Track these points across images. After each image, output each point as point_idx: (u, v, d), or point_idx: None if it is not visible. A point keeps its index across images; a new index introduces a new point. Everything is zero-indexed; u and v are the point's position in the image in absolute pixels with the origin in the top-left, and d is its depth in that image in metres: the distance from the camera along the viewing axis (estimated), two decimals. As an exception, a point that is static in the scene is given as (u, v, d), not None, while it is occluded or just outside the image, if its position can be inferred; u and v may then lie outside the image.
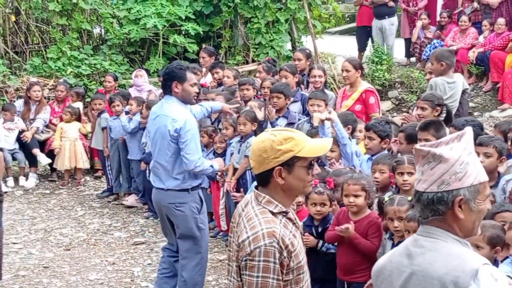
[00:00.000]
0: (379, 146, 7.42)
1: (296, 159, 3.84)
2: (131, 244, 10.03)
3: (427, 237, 3.03)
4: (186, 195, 7.21)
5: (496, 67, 14.35)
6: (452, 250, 2.97)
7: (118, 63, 15.50)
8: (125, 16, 15.67)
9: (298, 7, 16.28)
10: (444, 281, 2.88)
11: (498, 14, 15.10)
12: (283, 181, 3.85)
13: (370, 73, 15.24)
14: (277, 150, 3.81)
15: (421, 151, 3.04)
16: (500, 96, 14.15)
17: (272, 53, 15.68)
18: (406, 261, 3.06)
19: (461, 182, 2.96)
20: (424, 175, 3.02)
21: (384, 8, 16.25)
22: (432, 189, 2.98)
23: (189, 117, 7.11)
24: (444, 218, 3.00)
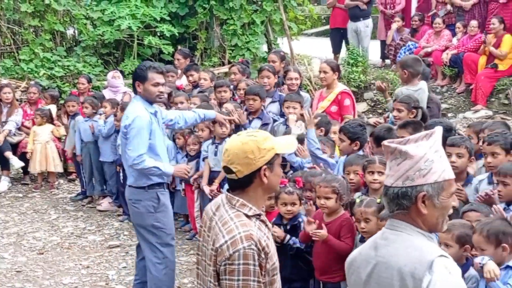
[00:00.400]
0: (349, 147, 7.49)
1: (276, 156, 3.91)
2: (106, 248, 9.96)
3: (393, 230, 3.15)
4: (142, 193, 7.21)
5: (469, 68, 14.46)
6: (414, 243, 3.06)
7: (92, 65, 15.39)
8: (99, 18, 15.58)
9: (273, 9, 16.29)
10: (403, 271, 2.98)
11: (471, 16, 15.25)
12: (267, 180, 3.90)
13: (345, 75, 15.26)
14: (263, 149, 3.86)
15: (388, 147, 3.14)
16: (473, 98, 14.30)
17: (248, 54, 15.68)
18: (373, 253, 3.19)
19: (425, 179, 3.05)
20: (391, 171, 3.13)
21: (359, 10, 16.31)
22: (397, 184, 3.08)
23: (141, 115, 7.07)
24: (409, 212, 3.10)
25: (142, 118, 7.07)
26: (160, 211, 7.23)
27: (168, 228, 7.35)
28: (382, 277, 3.09)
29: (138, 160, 7.04)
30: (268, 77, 10.19)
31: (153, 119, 7.19)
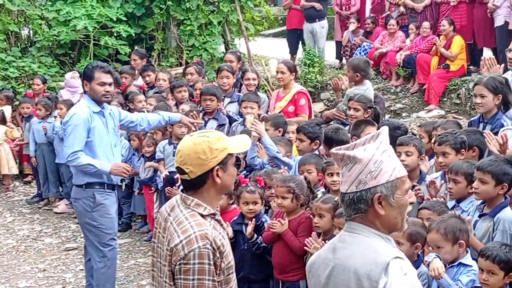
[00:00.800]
0: (309, 147, 7.57)
1: (229, 156, 3.94)
2: (63, 250, 9.93)
3: (350, 232, 3.15)
4: (80, 191, 7.28)
5: (422, 69, 14.61)
6: (371, 245, 3.07)
7: (47, 66, 15.26)
8: (54, 18, 15.46)
9: (230, 10, 16.35)
10: (359, 273, 2.98)
11: (423, 17, 15.39)
12: (220, 180, 3.92)
13: (302, 75, 15.36)
14: (215, 149, 3.89)
15: (337, 154, 3.16)
16: (426, 97, 14.45)
17: (206, 55, 15.69)
18: (331, 255, 3.18)
19: (377, 180, 3.06)
20: (344, 177, 3.13)
21: (314, 11, 16.42)
22: (352, 189, 3.09)
23: (79, 112, 7.14)
24: (367, 215, 3.10)
25: (80, 116, 7.10)
26: (96, 211, 7.24)
27: (107, 228, 7.33)
28: (340, 279, 3.09)
29: (73, 157, 7.09)
30: (227, 77, 10.25)
31: (95, 118, 7.20)
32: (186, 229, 3.80)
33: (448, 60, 14.21)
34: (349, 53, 16.42)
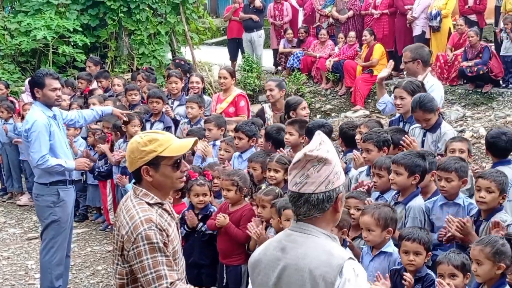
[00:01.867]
0: (247, 144, 7.56)
1: (160, 158, 3.89)
2: (25, 240, 9.82)
3: (301, 232, 3.01)
4: (43, 188, 7.20)
5: (349, 74, 14.81)
6: (323, 246, 2.96)
7: (10, 72, 15.05)
8: (16, 29, 15.27)
9: (177, 21, 16.33)
10: (314, 275, 2.87)
11: (346, 28, 15.58)
12: (151, 179, 3.92)
13: (242, 80, 15.45)
14: (142, 151, 3.88)
15: (310, 156, 2.96)
16: (353, 99, 14.64)
17: (154, 62, 15.66)
18: (280, 255, 3.02)
19: (340, 180, 3.01)
20: (311, 178, 2.96)
21: (252, 22, 16.52)
22: (321, 190, 2.94)
23: (39, 119, 7.04)
24: (324, 214, 3.00)
25: (41, 122, 7.03)
26: (59, 206, 7.18)
27: (64, 222, 7.25)
28: (293, 279, 2.94)
29: (42, 161, 7.01)
30: (176, 82, 10.27)
31: (52, 122, 7.15)
32: (132, 216, 3.82)
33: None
34: (284, 59, 16.58)
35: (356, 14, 15.51)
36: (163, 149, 3.87)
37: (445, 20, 14.11)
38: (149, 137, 3.91)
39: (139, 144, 3.87)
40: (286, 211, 5.42)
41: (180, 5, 16.23)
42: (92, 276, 8.40)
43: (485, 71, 12.88)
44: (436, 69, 13.82)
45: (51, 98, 7.17)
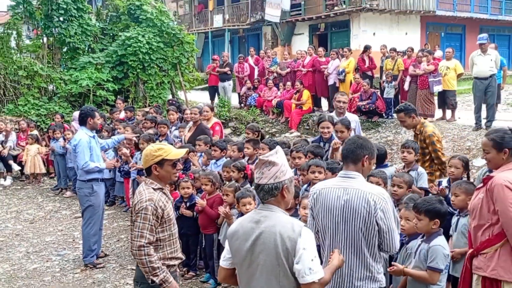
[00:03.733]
0: (220, 155, 7.59)
1: (164, 160, 4.01)
2: (73, 218, 9.78)
3: (267, 210, 2.99)
4: (83, 184, 7.20)
5: (287, 109, 14.88)
6: (286, 218, 2.95)
7: (64, 107, 14.98)
8: (68, 79, 15.23)
9: (175, 75, 16.39)
10: (283, 236, 2.84)
11: (285, 79, 15.69)
12: (158, 173, 4.03)
13: (218, 112, 15.49)
14: (153, 155, 4.01)
15: (263, 160, 3.01)
16: (290, 125, 14.71)
17: (160, 101, 15.66)
18: (255, 225, 2.96)
19: (285, 176, 3.00)
20: (264, 174, 2.98)
21: (225, 75, 16.63)
22: (270, 182, 2.96)
23: (83, 138, 7.09)
24: (277, 198, 2.99)
25: (84, 140, 7.10)
26: (93, 195, 7.19)
27: (96, 206, 7.26)
28: (268, 240, 2.88)
29: (85, 165, 7.07)
30: (173, 114, 10.35)
31: (91, 140, 7.21)
32: (141, 194, 3.94)
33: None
34: (245, 100, 16.70)
35: (292, 70, 15.68)
36: (167, 154, 4.02)
37: (348, 75, 14.28)
38: (158, 147, 4.07)
39: (152, 151, 4.01)
40: (243, 199, 5.50)
41: (177, 64, 16.30)
42: (117, 242, 8.41)
43: (373, 108, 13.13)
44: (342, 106, 14.04)
45: (96, 125, 7.30)
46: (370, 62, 14.69)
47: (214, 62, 17.26)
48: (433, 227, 4.07)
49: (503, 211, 3.60)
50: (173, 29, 16.20)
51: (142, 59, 15.54)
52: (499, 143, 3.75)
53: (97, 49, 16.55)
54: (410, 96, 12.91)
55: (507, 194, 3.59)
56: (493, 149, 3.77)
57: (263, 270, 2.92)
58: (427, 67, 12.67)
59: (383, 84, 13.84)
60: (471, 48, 22.76)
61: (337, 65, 14.47)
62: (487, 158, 3.85)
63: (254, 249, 2.95)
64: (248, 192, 5.61)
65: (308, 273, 2.81)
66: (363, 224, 3.36)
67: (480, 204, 3.78)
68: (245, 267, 3.00)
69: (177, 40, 16.24)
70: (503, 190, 3.60)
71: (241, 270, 3.05)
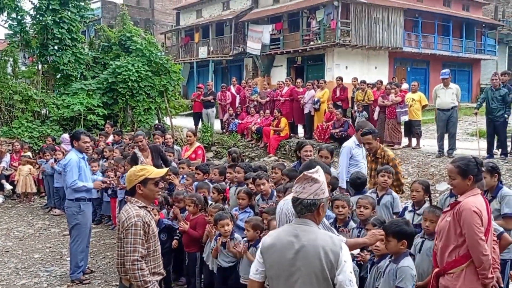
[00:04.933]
0: (202, 177, 7.52)
1: (147, 179, 3.98)
2: (61, 236, 9.54)
3: (304, 225, 2.92)
4: (71, 203, 7.05)
5: (266, 134, 14.93)
6: (324, 233, 2.93)
7: (56, 130, 14.76)
8: (61, 104, 15.05)
9: (162, 101, 16.32)
10: (326, 249, 2.81)
11: (265, 107, 15.78)
12: (142, 192, 3.98)
13: (201, 137, 15.45)
14: (137, 175, 3.98)
15: (307, 175, 2.95)
16: (268, 150, 14.75)
17: (147, 126, 15.52)
18: (294, 239, 2.87)
19: (324, 195, 2.96)
20: (305, 189, 2.93)
21: (209, 102, 16.64)
22: (310, 197, 2.91)
23: (73, 158, 6.98)
24: (313, 214, 2.93)
25: (74, 160, 6.99)
26: (80, 214, 7.04)
27: (84, 224, 7.10)
28: (310, 252, 2.81)
29: (74, 183, 6.94)
30: (158, 138, 10.19)
31: (81, 161, 7.09)
32: (128, 212, 3.89)
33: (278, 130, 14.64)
34: (227, 126, 16.70)
35: (271, 99, 15.77)
36: (149, 173, 3.98)
37: (322, 104, 14.44)
38: (141, 167, 4.06)
39: (135, 171, 3.99)
40: (221, 221, 5.42)
41: (164, 92, 16.25)
42: (103, 259, 8.20)
43: (346, 135, 13.22)
44: (317, 133, 14.13)
45: (83, 147, 7.16)
46: (342, 93, 14.82)
47: (198, 90, 17.27)
48: (401, 247, 4.07)
49: (470, 235, 3.63)
50: (161, 59, 16.20)
51: (131, 86, 15.46)
52: (464, 170, 3.78)
53: (89, 76, 16.44)
54: (379, 125, 13.05)
55: (474, 218, 3.62)
56: (459, 176, 3.80)
57: (304, 282, 2.84)
58: (395, 99, 12.88)
59: (355, 113, 14.00)
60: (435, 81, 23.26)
61: (313, 95, 14.60)
62: (452, 184, 3.88)
63: (295, 262, 2.85)
64: (226, 214, 5.52)
65: (349, 284, 2.80)
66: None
67: (447, 226, 3.79)
68: (283, 279, 2.90)
69: (164, 69, 16.22)
70: (471, 215, 3.63)
71: (277, 282, 2.93)
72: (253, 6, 31.11)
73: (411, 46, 27.73)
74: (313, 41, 26.12)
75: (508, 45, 34.94)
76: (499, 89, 10.89)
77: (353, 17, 24.94)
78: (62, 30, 15.62)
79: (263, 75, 28.94)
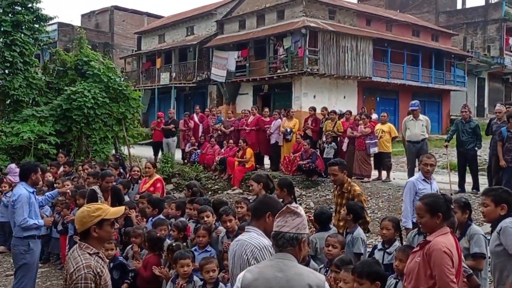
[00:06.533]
0: (152, 212, 7.37)
1: (103, 220, 3.81)
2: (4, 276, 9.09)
3: (287, 259, 3.00)
4: (19, 241, 6.80)
5: (230, 166, 14.85)
6: (304, 267, 3.05)
7: (3, 160, 14.28)
8: (9, 131, 14.65)
9: (119, 129, 16.11)
10: (312, 284, 2.90)
11: (229, 137, 15.73)
12: (97, 234, 3.80)
13: (161, 168, 15.25)
14: (92, 216, 3.78)
15: (290, 209, 3.08)
16: (232, 182, 14.65)
17: (103, 155, 15.24)
18: (280, 274, 2.95)
19: (305, 231, 3.08)
20: (288, 223, 3.03)
21: (170, 131, 16.53)
22: (292, 231, 3.02)
23: (23, 194, 6.78)
24: (295, 249, 3.02)
25: (24, 196, 6.78)
26: (28, 253, 6.78)
27: (31, 264, 6.82)
28: (297, 286, 2.90)
29: (24, 221, 6.70)
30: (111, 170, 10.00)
31: (31, 196, 6.89)
32: (77, 262, 3.68)
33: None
34: (189, 156, 16.58)
35: (235, 129, 15.77)
36: (105, 213, 3.81)
37: (294, 135, 14.49)
38: (96, 207, 3.85)
39: (90, 212, 3.78)
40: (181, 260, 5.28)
41: (122, 120, 16.06)
42: (50, 302, 7.89)
43: (313, 167, 13.29)
44: (284, 165, 14.14)
45: (38, 180, 7.04)
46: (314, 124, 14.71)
47: (158, 118, 17.15)
48: (375, 290, 4.03)
49: (440, 277, 3.62)
50: (120, 85, 16.06)
51: (86, 113, 15.22)
52: (433, 208, 3.80)
53: (42, 102, 16.11)
54: (348, 157, 13.15)
55: (445, 259, 3.62)
56: (427, 214, 3.83)
57: None
58: (364, 130, 13.06)
59: (323, 144, 14.03)
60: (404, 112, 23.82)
61: (279, 125, 14.67)
62: (421, 222, 3.90)
63: None
64: (187, 253, 5.41)
65: None
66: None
67: (417, 268, 3.78)
68: None
69: (123, 96, 16.07)
70: (441, 256, 3.63)
71: None
72: (218, 31, 31.45)
73: (380, 76, 28.47)
74: (280, 69, 26.50)
75: (477, 76, 36.32)
76: (470, 122, 11.19)
77: (321, 45, 25.48)
78: (13, 53, 15.35)
79: (228, 103, 29.06)
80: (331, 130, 13.95)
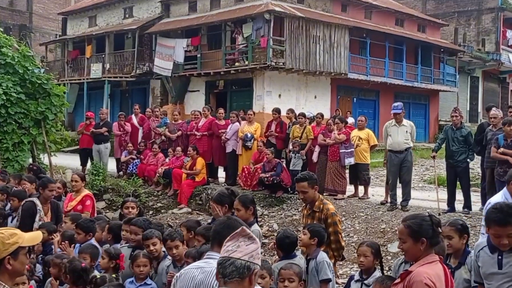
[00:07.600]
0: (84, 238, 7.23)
1: (20, 248, 3.70)
2: None
3: None
4: None
5: (176, 179, 14.79)
6: None
7: None
8: None
9: (38, 133, 15.77)
10: None
11: (176, 144, 15.69)
12: (11, 267, 3.67)
13: (90, 182, 15.03)
14: (6, 243, 3.65)
15: (245, 232, 3.07)
16: (179, 199, 14.64)
17: (17, 166, 14.89)
18: None
19: (258, 261, 3.05)
20: (240, 248, 3.01)
21: (101, 136, 16.32)
22: (244, 258, 2.99)
23: None
24: (243, 283, 2.99)
25: None
26: None
27: None
28: None
29: None
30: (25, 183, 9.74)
31: None
32: None
33: (194, 174, 14.57)
34: (125, 166, 16.43)
35: (184, 133, 15.71)
36: (22, 240, 3.70)
37: (254, 142, 14.51)
38: (10, 232, 3.72)
39: (3, 238, 3.63)
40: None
41: (42, 121, 15.74)
42: None
43: (278, 181, 13.34)
44: (242, 178, 14.15)
45: None
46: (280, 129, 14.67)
47: (88, 120, 16.92)
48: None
49: None
50: (39, 78, 15.73)
51: (-4, 112, 14.86)
52: (416, 232, 3.83)
53: None
54: (319, 169, 13.29)
55: None
56: (410, 238, 3.85)
57: None
58: (338, 137, 13.18)
59: (289, 154, 14.07)
60: (385, 115, 24.25)
61: (237, 129, 14.69)
62: (403, 248, 3.94)
63: None
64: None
65: None
66: None
67: None
68: None
69: (43, 92, 15.75)
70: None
71: None
72: (163, 14, 31.32)
73: (358, 72, 28.91)
74: (238, 62, 26.60)
75: (470, 74, 37.30)
76: (461, 128, 11.47)
77: (288, 34, 25.73)
78: None
79: (175, 102, 28.93)
80: (299, 137, 14.06)
